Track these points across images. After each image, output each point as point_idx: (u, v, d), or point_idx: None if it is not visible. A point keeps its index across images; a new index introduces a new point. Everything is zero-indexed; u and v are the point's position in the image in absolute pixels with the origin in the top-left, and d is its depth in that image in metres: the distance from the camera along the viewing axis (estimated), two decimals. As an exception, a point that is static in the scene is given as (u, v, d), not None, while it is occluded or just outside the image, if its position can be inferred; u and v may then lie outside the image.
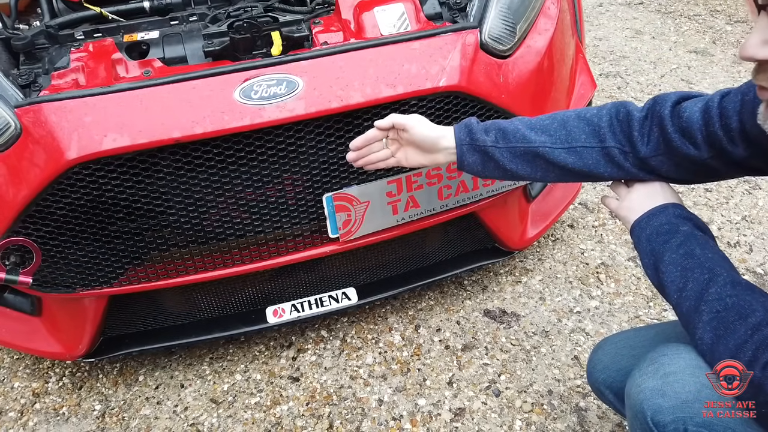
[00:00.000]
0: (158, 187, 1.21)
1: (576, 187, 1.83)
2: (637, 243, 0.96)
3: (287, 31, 1.34)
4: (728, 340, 0.79)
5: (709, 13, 3.35)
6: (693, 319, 0.84)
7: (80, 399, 1.57)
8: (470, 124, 1.05)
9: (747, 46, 0.67)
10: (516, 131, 1.02)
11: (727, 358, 0.78)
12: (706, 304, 0.82)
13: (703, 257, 0.87)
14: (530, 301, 1.75)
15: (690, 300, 0.85)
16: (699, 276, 0.85)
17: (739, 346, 0.77)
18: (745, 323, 0.78)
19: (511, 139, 1.02)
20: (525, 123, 1.03)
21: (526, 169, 1.03)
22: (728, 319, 0.79)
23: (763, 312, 0.77)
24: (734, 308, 0.80)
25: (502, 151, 1.02)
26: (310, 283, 1.55)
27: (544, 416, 1.44)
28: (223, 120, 1.17)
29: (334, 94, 1.22)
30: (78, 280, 1.29)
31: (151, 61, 1.29)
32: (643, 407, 0.86)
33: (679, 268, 0.87)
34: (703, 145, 0.91)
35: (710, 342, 0.81)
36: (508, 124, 1.04)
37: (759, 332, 0.76)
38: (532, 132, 1.01)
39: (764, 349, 0.74)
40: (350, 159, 1.12)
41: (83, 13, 1.43)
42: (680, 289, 0.86)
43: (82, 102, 1.16)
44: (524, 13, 1.44)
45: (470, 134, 1.04)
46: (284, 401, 1.52)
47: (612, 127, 0.98)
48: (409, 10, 1.37)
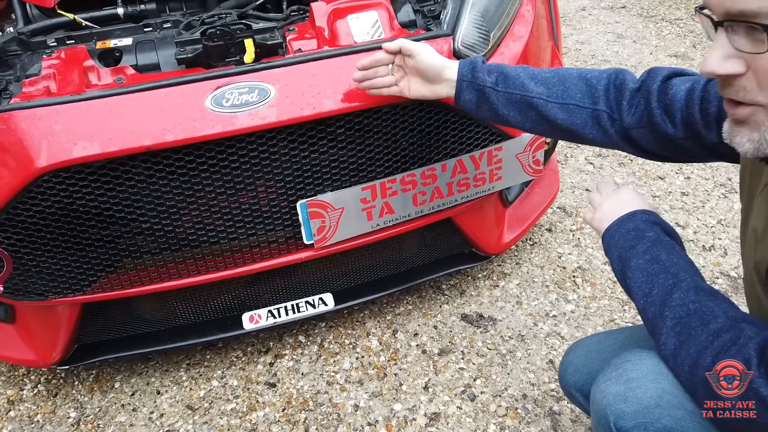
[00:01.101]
0: (130, 195, 1.21)
1: (553, 191, 1.84)
2: (607, 251, 0.97)
3: (260, 38, 1.34)
4: (690, 345, 0.80)
5: (690, 17, 3.38)
6: (658, 324, 0.86)
7: (55, 406, 1.56)
8: (475, 62, 1.08)
9: (708, 63, 0.67)
10: (517, 78, 1.05)
11: (688, 363, 0.80)
12: (670, 310, 0.84)
13: (668, 262, 0.88)
14: (507, 305, 1.76)
15: (655, 305, 0.86)
16: (664, 281, 0.86)
17: (700, 352, 0.78)
18: (707, 329, 0.79)
19: (511, 84, 1.05)
20: (527, 72, 1.06)
21: (516, 117, 1.07)
22: (691, 325, 0.81)
23: (723, 318, 0.79)
24: (696, 314, 0.81)
25: (499, 94, 1.06)
26: (287, 289, 1.55)
27: (518, 420, 1.45)
28: (194, 128, 1.17)
29: (306, 101, 1.23)
30: (50, 287, 1.29)
31: (123, 69, 1.29)
32: (606, 412, 0.88)
33: (644, 274, 0.89)
34: (680, 125, 0.94)
35: (673, 347, 0.82)
36: (512, 69, 1.07)
37: (718, 339, 0.77)
38: (532, 82, 1.04)
39: (722, 355, 0.75)
40: (356, 78, 1.16)
41: (56, 19, 1.43)
42: (646, 295, 0.88)
43: (53, 110, 1.16)
44: (498, 20, 1.45)
45: (473, 71, 1.07)
46: (260, 407, 1.52)
47: (607, 92, 1.01)
48: (383, 18, 1.37)
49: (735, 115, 0.70)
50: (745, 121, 0.69)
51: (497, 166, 1.47)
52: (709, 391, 0.77)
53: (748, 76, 0.66)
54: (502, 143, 1.44)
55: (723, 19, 0.65)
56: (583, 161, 2.32)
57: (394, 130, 1.32)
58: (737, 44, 0.65)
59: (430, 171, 1.39)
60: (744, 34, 0.64)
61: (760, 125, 0.67)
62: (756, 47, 0.63)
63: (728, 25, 0.65)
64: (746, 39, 0.64)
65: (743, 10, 0.62)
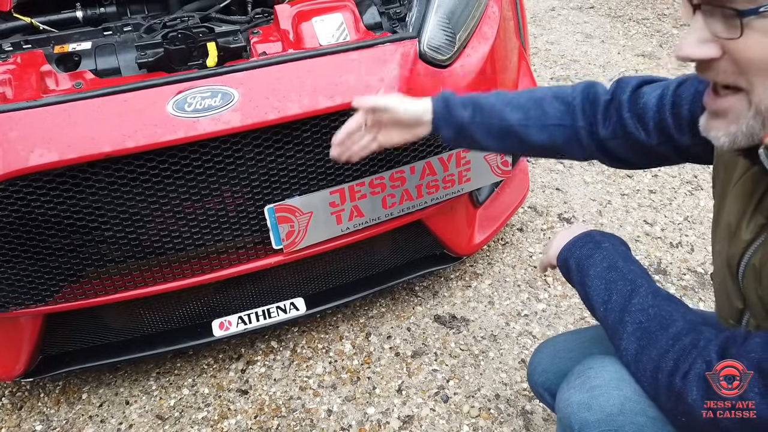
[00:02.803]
0: (91, 203, 1.18)
1: (523, 191, 1.85)
2: (566, 268, 0.98)
3: (223, 41, 1.32)
4: (651, 350, 0.80)
5: (656, 17, 3.44)
6: (618, 330, 0.86)
7: (20, 419, 1.52)
8: (447, 98, 1.07)
9: (683, 46, 0.67)
10: (492, 107, 1.04)
11: (650, 368, 0.80)
12: (630, 315, 0.84)
13: (625, 269, 0.89)
14: (479, 305, 1.77)
15: (615, 312, 0.87)
16: (622, 288, 0.87)
17: (662, 356, 0.78)
18: (666, 333, 0.79)
19: (487, 115, 1.04)
20: (502, 100, 1.05)
21: (497, 145, 1.07)
22: (651, 329, 0.81)
23: (682, 322, 0.80)
24: (656, 318, 0.81)
25: (477, 126, 1.05)
26: (257, 295, 1.53)
27: (491, 420, 1.45)
28: (155, 133, 1.15)
29: (271, 105, 1.21)
30: (11, 298, 1.25)
31: (82, 73, 1.26)
32: (570, 421, 0.88)
33: (603, 281, 0.90)
34: (653, 132, 0.94)
35: (634, 352, 0.82)
36: (485, 99, 1.06)
37: (679, 342, 0.77)
38: (508, 108, 1.04)
39: (684, 359, 0.75)
40: (334, 156, 1.10)
41: (12, 23, 1.39)
42: (605, 302, 0.88)
43: (8, 116, 1.13)
44: (464, 22, 1.45)
45: (447, 108, 1.06)
46: (232, 415, 1.50)
47: (583, 107, 1.02)
48: (348, 21, 1.36)
49: (715, 109, 0.70)
50: (722, 114, 0.69)
51: (466, 167, 1.47)
52: (672, 394, 0.77)
53: (725, 59, 0.65)
54: (470, 144, 1.44)
55: (700, 2, 0.65)
56: (553, 161, 2.34)
57: (362, 133, 1.31)
58: (713, 28, 0.64)
59: (398, 173, 1.39)
60: (720, 18, 0.64)
61: (739, 117, 0.67)
62: (731, 32, 0.63)
63: (705, 8, 0.65)
64: (722, 24, 0.64)
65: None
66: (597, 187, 2.20)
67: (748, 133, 0.67)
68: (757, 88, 0.64)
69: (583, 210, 2.10)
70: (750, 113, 0.66)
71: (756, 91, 0.65)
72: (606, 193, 2.17)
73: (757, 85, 0.64)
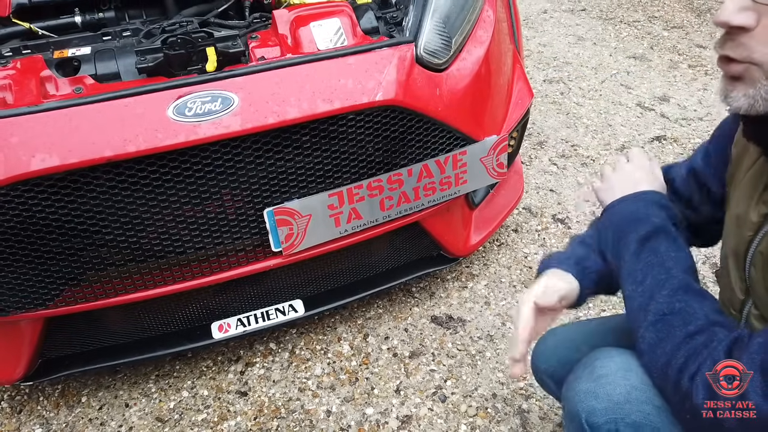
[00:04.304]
0: (92, 207, 1.19)
1: (518, 193, 1.88)
2: (606, 226, 0.95)
3: (222, 46, 1.33)
4: (666, 343, 0.80)
5: (647, 19, 3.48)
6: (640, 316, 0.85)
7: (20, 423, 1.52)
8: (579, 259, 1.01)
9: (724, 11, 0.69)
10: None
11: (663, 360, 0.80)
12: (656, 304, 0.83)
13: (666, 255, 0.87)
14: (476, 305, 1.78)
15: (643, 297, 0.85)
16: (657, 275, 0.85)
17: (674, 352, 0.79)
18: (685, 330, 0.79)
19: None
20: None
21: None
22: (672, 323, 0.81)
23: (703, 321, 0.79)
24: (680, 313, 0.81)
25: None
26: (256, 297, 1.54)
27: (488, 419, 1.47)
28: (156, 138, 1.16)
29: (270, 109, 1.23)
30: (11, 302, 1.26)
31: (82, 78, 1.27)
32: (577, 409, 0.89)
33: (641, 264, 0.87)
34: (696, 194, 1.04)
35: (651, 342, 0.82)
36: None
37: (693, 340, 0.77)
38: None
39: (694, 358, 0.76)
40: (518, 374, 0.96)
41: (12, 28, 1.40)
42: (637, 283, 0.86)
43: (9, 122, 1.14)
44: (460, 26, 1.47)
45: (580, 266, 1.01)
46: (232, 417, 1.51)
47: None
48: (346, 25, 1.38)
49: (729, 72, 0.73)
50: (740, 77, 0.72)
51: (462, 170, 1.49)
52: (679, 392, 0.77)
53: (753, 33, 0.68)
54: (466, 147, 1.46)
55: None
56: (548, 162, 2.36)
57: (360, 137, 1.33)
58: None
59: (396, 176, 1.41)
60: None
61: (756, 81, 0.70)
62: None
63: None
64: None
65: None
66: (590, 188, 2.23)
67: (765, 99, 0.70)
68: None
69: (577, 210, 2.12)
70: (767, 81, 0.69)
71: None
72: (599, 194, 2.20)
73: None
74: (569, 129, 2.55)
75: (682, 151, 2.40)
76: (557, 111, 2.67)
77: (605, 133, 2.52)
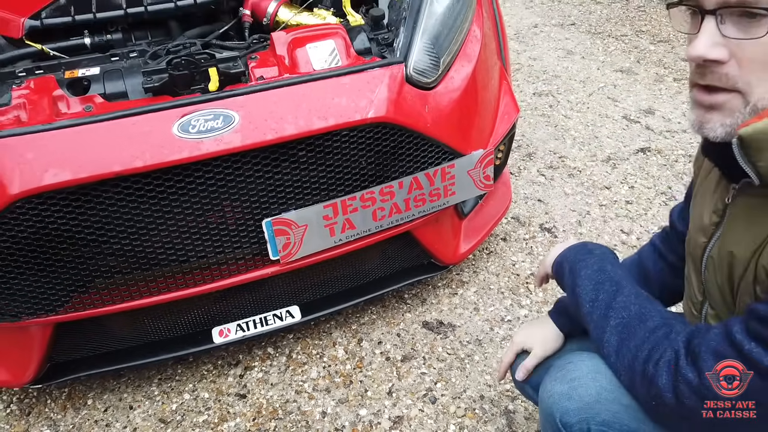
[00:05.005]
0: (101, 218, 1.27)
1: (506, 203, 1.96)
2: (560, 273, 1.09)
3: (224, 67, 1.41)
4: (630, 341, 0.90)
5: (634, 33, 3.58)
6: (602, 325, 0.96)
7: (29, 425, 1.59)
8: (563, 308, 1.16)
9: (697, 48, 0.74)
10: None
11: (629, 357, 0.89)
12: (614, 311, 0.94)
13: (612, 272, 1.00)
14: (465, 311, 1.86)
15: (601, 308, 0.97)
16: (608, 288, 0.98)
17: (639, 346, 0.88)
18: (644, 327, 0.89)
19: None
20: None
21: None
22: (631, 324, 0.91)
23: (659, 318, 0.90)
24: (637, 315, 0.92)
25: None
26: (255, 303, 1.62)
27: (476, 420, 1.55)
28: (162, 154, 1.24)
29: (268, 127, 1.31)
30: (24, 308, 1.33)
31: (92, 97, 1.35)
32: (552, 410, 0.97)
33: (592, 282, 1.00)
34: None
35: (616, 344, 0.92)
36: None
37: (654, 334, 0.87)
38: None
39: (657, 349, 0.85)
40: (521, 377, 1.19)
41: (25, 50, 1.48)
42: (593, 300, 0.98)
43: (24, 139, 1.22)
44: (448, 46, 1.56)
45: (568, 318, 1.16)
46: (231, 418, 1.59)
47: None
48: (340, 47, 1.47)
49: (711, 101, 0.76)
50: (718, 107, 0.76)
51: (450, 182, 1.57)
52: (645, 379, 0.85)
53: (730, 63, 0.73)
54: (454, 161, 1.55)
55: (717, 8, 0.72)
56: (536, 173, 2.45)
57: (353, 151, 1.41)
58: (726, 32, 0.72)
59: (387, 188, 1.49)
60: (735, 21, 0.71)
61: (734, 111, 0.74)
62: (747, 33, 0.71)
63: (720, 13, 0.72)
64: (736, 26, 0.71)
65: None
66: (577, 198, 2.31)
67: (737, 127, 0.75)
68: (756, 89, 0.72)
69: (563, 220, 2.21)
70: (747, 110, 0.74)
71: (755, 91, 0.72)
72: (585, 204, 2.29)
73: (756, 85, 0.72)
74: (557, 141, 2.64)
75: (666, 162, 2.49)
76: (546, 123, 2.77)
77: (592, 144, 2.61)
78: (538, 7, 4.05)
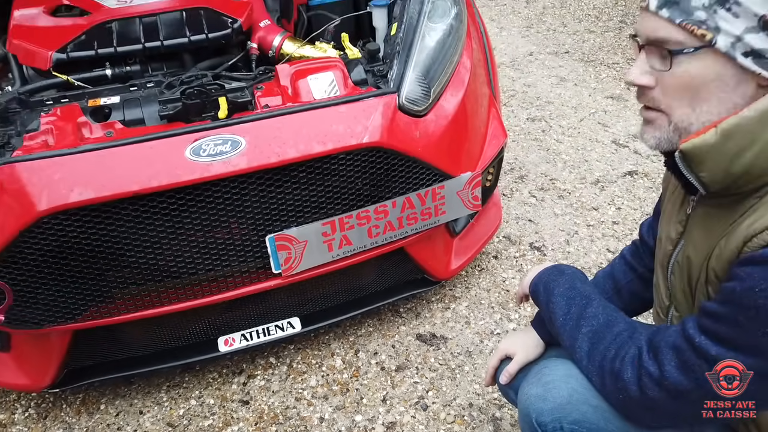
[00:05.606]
0: (119, 233, 1.39)
1: (496, 223, 2.07)
2: (535, 293, 1.21)
3: (232, 96, 1.55)
4: (599, 345, 1.02)
5: (626, 61, 3.73)
6: (574, 334, 1.07)
7: (45, 428, 1.70)
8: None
9: (630, 74, 0.92)
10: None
11: (598, 359, 1.00)
12: (585, 321, 1.06)
13: (582, 288, 1.13)
14: (457, 325, 1.97)
15: (572, 320, 1.09)
16: (579, 302, 1.10)
17: (607, 348, 1.00)
18: (612, 331, 1.01)
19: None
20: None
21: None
22: (600, 331, 1.03)
23: (624, 323, 1.02)
24: (605, 322, 1.04)
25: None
26: (258, 314, 1.73)
27: (464, 426, 1.64)
28: (175, 175, 1.37)
29: (272, 150, 1.44)
30: (46, 317, 1.45)
31: (112, 124, 1.48)
32: (529, 410, 1.08)
33: (564, 298, 1.13)
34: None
35: (587, 349, 1.04)
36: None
37: (620, 336, 0.99)
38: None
39: (623, 348, 0.97)
40: (504, 381, 1.28)
41: (51, 80, 1.62)
42: (565, 313, 1.11)
43: (52, 161, 1.35)
44: (438, 77, 1.69)
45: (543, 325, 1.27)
46: (235, 422, 1.69)
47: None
48: (338, 78, 1.60)
49: (645, 117, 0.93)
50: (651, 122, 0.92)
51: (441, 202, 1.69)
52: (612, 375, 0.96)
53: (657, 89, 0.89)
54: (444, 182, 1.67)
55: (644, 43, 0.90)
56: (527, 194, 2.57)
57: (350, 173, 1.53)
58: (652, 63, 0.88)
59: (382, 207, 1.61)
60: (657, 55, 0.87)
61: (662, 127, 0.90)
62: (664, 66, 0.87)
63: (647, 48, 0.89)
64: (658, 59, 0.87)
65: (657, 38, 0.87)
66: (566, 219, 2.43)
67: (668, 141, 0.92)
68: (676, 111, 0.89)
69: (552, 239, 2.32)
70: (670, 128, 0.90)
71: (675, 113, 0.88)
72: (574, 224, 2.40)
73: (676, 108, 0.89)
74: (548, 164, 2.76)
75: (652, 185, 2.60)
76: (538, 147, 2.89)
77: (582, 168, 2.73)
78: (534, 36, 4.22)
